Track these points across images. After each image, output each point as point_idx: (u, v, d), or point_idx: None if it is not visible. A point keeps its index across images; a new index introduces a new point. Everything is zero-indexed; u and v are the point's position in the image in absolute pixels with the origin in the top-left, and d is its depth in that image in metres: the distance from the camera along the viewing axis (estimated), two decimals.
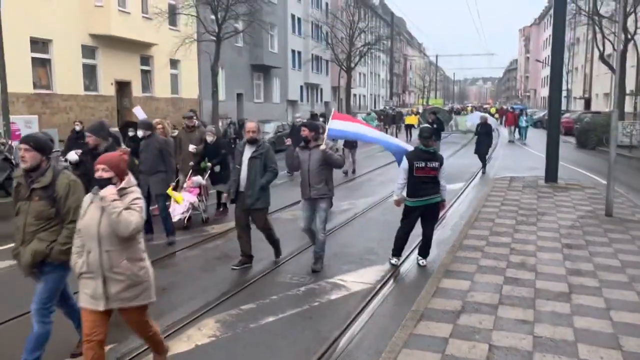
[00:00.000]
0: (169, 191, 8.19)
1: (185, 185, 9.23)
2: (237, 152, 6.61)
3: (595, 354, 4.13)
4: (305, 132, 6.39)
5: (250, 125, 6.53)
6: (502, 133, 31.82)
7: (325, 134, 6.45)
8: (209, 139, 9.40)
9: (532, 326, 4.64)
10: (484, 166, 15.78)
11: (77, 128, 11.85)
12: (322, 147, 6.19)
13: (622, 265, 6.33)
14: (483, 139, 15.84)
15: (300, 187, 6.49)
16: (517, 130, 28.69)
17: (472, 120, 22.03)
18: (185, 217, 8.75)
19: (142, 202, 3.55)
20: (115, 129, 13.66)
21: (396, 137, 28.60)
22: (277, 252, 7.00)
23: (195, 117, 10.43)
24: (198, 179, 9.30)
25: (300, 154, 6.46)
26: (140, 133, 8.04)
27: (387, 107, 45.22)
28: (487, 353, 4.15)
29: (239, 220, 6.62)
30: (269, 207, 6.70)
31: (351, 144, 14.87)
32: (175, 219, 8.39)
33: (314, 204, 6.42)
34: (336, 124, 6.74)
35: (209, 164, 9.37)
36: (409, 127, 27.82)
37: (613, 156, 9.37)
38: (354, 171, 15.51)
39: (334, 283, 6.16)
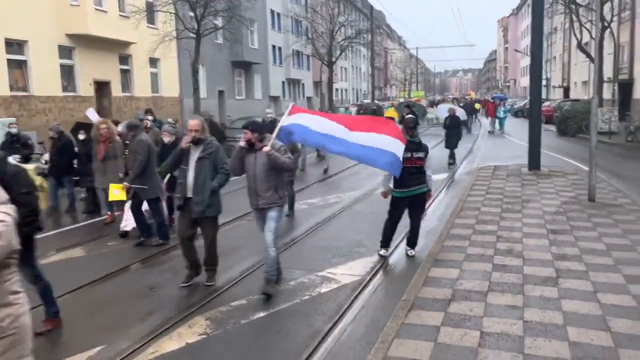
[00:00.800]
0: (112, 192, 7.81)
1: None
2: (175, 153, 5.83)
3: (584, 336, 4.18)
4: (247, 134, 5.47)
5: (192, 123, 5.73)
6: (483, 123, 32.10)
7: (274, 133, 5.61)
8: (166, 139, 8.12)
9: (522, 311, 4.68)
10: (452, 158, 15.37)
11: (14, 131, 10.15)
12: (265, 149, 5.35)
13: (607, 249, 6.41)
14: (452, 132, 15.44)
15: (248, 196, 5.68)
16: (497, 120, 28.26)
17: (440, 113, 21.66)
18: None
19: (8, 219, 2.49)
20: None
21: None
22: (212, 272, 6.03)
23: (150, 117, 9.81)
24: None
25: (245, 158, 5.62)
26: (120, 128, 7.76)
27: (366, 101, 44.48)
28: (479, 340, 4.18)
29: (184, 231, 5.88)
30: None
31: None
32: (128, 227, 7.98)
33: (264, 215, 5.64)
34: (293, 122, 5.72)
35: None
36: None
37: (594, 142, 9.49)
38: (325, 170, 14.59)
39: (323, 276, 6.15)
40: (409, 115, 8.11)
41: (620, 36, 30.56)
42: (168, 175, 7.94)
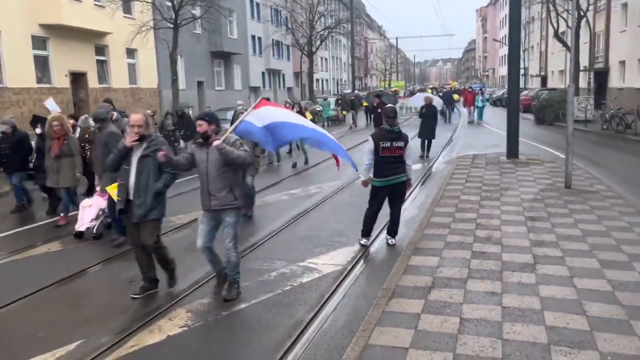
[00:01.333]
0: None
1: (98, 188, 8.00)
2: (118, 151, 5.20)
3: (561, 320, 4.25)
4: (202, 126, 4.97)
5: (134, 118, 5.17)
6: (463, 113, 32.31)
7: (233, 126, 5.21)
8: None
9: (500, 297, 4.75)
10: (427, 150, 14.78)
11: None
12: (215, 142, 4.84)
13: (582, 235, 6.53)
14: (428, 121, 14.70)
15: (200, 195, 5.18)
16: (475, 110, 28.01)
17: (415, 102, 20.53)
18: (95, 226, 7.62)
19: None
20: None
21: (354, 123, 26.91)
22: (172, 278, 5.58)
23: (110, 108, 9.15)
24: None
25: (197, 153, 5.09)
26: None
27: (346, 91, 43.06)
28: (459, 326, 4.23)
29: (133, 237, 5.38)
30: (163, 218, 5.45)
31: None
32: (82, 227, 7.59)
33: (217, 218, 5.14)
34: (258, 117, 5.26)
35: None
36: (369, 110, 26.65)
37: (570, 130, 9.63)
38: (306, 161, 14.31)
39: (305, 266, 6.16)
40: (389, 105, 8.11)
41: (596, 25, 30.98)
42: None
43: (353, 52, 52.77)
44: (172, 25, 20.99)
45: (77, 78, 20.64)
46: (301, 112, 13.62)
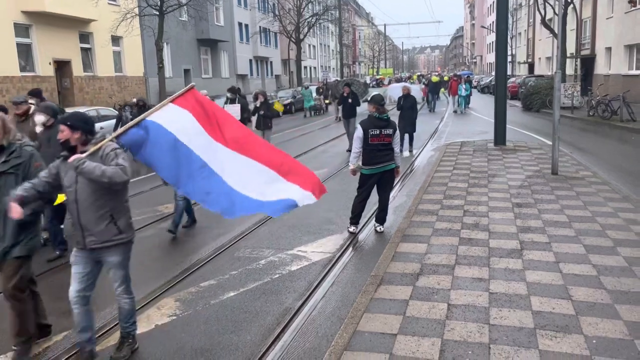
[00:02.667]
0: None
1: None
2: None
3: (547, 305, 4.31)
4: (63, 133, 3.58)
5: None
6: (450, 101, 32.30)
7: (120, 130, 3.73)
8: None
9: (488, 283, 4.79)
10: (410, 144, 13.61)
11: None
12: (73, 157, 3.48)
13: (569, 220, 6.60)
14: (407, 113, 13.40)
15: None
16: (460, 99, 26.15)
17: (393, 92, 17.61)
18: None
19: None
20: None
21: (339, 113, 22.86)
22: (22, 353, 3.97)
23: (32, 100, 7.56)
24: None
25: (62, 173, 3.67)
26: (41, 119, 5.93)
27: (328, 79, 40.38)
28: (446, 312, 4.26)
29: None
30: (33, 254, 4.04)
31: (266, 124, 12.46)
32: None
33: (97, 258, 3.83)
34: (163, 120, 3.66)
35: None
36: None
37: (557, 117, 9.68)
38: None
39: (294, 254, 6.16)
40: (377, 93, 8.09)
41: (582, 12, 31.09)
42: None
43: (341, 39, 52.52)
44: (157, 12, 20.75)
45: (62, 66, 20.36)
46: (266, 103, 12.38)
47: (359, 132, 6.53)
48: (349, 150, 12.05)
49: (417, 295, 4.60)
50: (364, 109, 18.97)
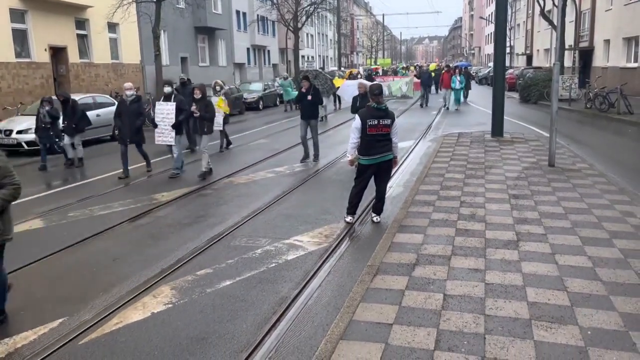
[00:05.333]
0: None
1: None
2: None
3: (542, 296, 4.32)
4: None
5: None
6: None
7: None
8: None
9: (484, 274, 4.80)
10: None
11: None
12: None
13: (565, 212, 6.61)
14: None
15: None
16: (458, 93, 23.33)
17: (346, 91, 13.06)
18: None
19: None
20: None
21: (324, 112, 18.60)
22: None
23: None
24: None
25: None
26: None
27: (312, 69, 36.83)
28: (442, 302, 4.27)
29: None
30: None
31: (203, 128, 10.06)
32: None
33: None
34: None
35: None
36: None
37: (555, 109, 9.66)
38: (227, 145, 13.60)
39: (290, 244, 6.16)
40: (376, 83, 8.04)
41: (581, 4, 30.98)
42: None
43: (339, 28, 52.25)
44: None
45: (57, 52, 20.18)
46: (202, 101, 9.70)
47: (357, 122, 6.49)
48: (303, 161, 11.08)
49: (413, 286, 4.60)
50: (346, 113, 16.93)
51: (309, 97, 10.95)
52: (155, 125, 10.07)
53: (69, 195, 8.99)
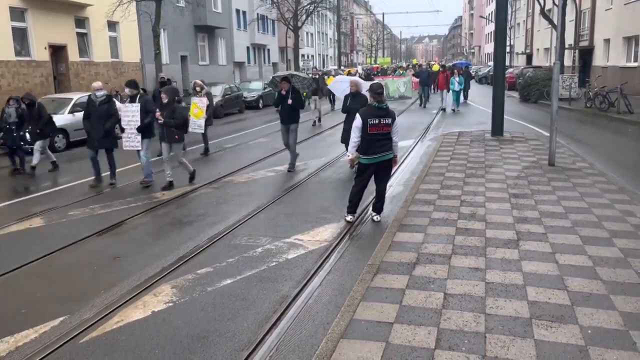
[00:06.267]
0: None
1: None
2: None
3: (543, 295, 4.32)
4: None
5: None
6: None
7: None
8: None
9: (484, 273, 4.80)
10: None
11: None
12: None
13: (565, 211, 6.61)
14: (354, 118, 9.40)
15: None
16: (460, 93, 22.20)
17: (337, 88, 11.72)
18: None
19: None
20: None
21: (319, 115, 17.83)
22: None
23: None
24: None
25: None
26: None
27: (307, 68, 35.46)
28: (443, 301, 4.27)
29: None
30: None
31: (171, 135, 8.97)
32: None
33: None
34: None
35: None
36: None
37: (555, 108, 9.66)
38: (205, 152, 12.59)
39: (290, 243, 6.16)
40: (376, 82, 8.03)
41: (582, 3, 30.97)
42: None
43: (339, 27, 52.21)
44: None
45: (57, 51, 20.18)
46: (170, 105, 8.80)
47: (357, 121, 6.50)
48: (291, 170, 10.19)
49: (413, 285, 4.60)
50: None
51: (289, 101, 10.05)
52: (123, 130, 9.27)
53: (19, 209, 8.06)
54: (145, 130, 9.23)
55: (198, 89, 12.20)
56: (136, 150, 9.34)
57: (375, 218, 6.87)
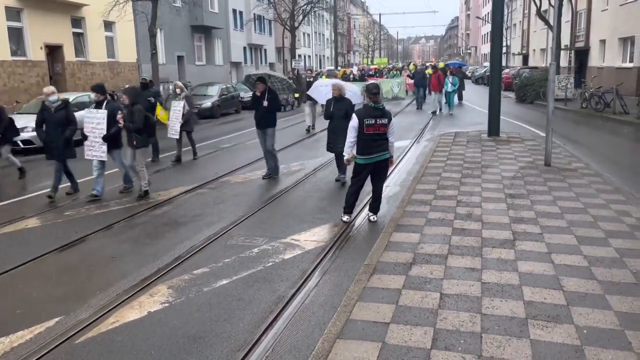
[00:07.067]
0: None
1: None
2: None
3: (538, 295, 4.33)
4: None
5: None
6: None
7: None
8: None
9: (480, 273, 4.81)
10: (343, 171, 9.02)
11: None
12: None
13: (561, 212, 6.63)
14: (339, 124, 8.42)
15: None
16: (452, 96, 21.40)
17: (318, 93, 10.40)
18: None
19: None
20: None
21: (312, 121, 16.57)
22: None
23: None
24: None
25: None
26: None
27: (299, 69, 32.85)
28: (439, 301, 4.28)
29: None
30: None
31: (131, 140, 8.42)
32: None
33: None
34: None
35: None
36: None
37: (551, 109, 9.69)
38: (194, 156, 11.89)
39: (287, 243, 6.16)
40: (372, 82, 8.03)
41: (577, 4, 31.07)
42: None
43: (336, 27, 52.21)
44: None
45: (53, 51, 20.11)
46: (128, 109, 8.25)
47: (354, 121, 6.50)
48: (274, 177, 9.60)
49: (409, 285, 4.61)
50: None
51: (265, 103, 9.33)
52: (85, 137, 8.37)
53: None
54: (113, 140, 8.39)
55: (178, 90, 11.62)
56: (99, 160, 8.39)
57: (371, 218, 6.88)
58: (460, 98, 24.37)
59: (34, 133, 10.69)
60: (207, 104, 21.64)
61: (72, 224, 7.15)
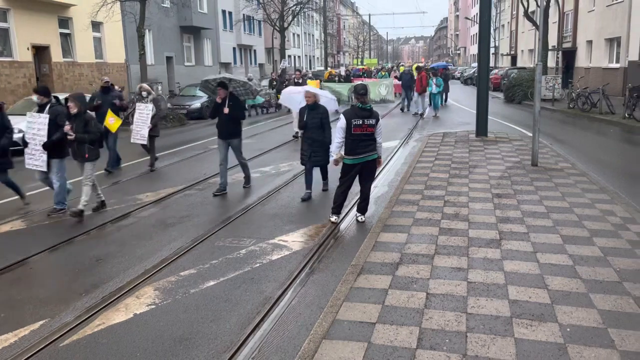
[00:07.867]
0: None
1: None
2: None
3: (523, 294, 4.37)
4: None
5: None
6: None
7: None
8: None
9: (466, 273, 4.84)
10: (324, 181, 8.64)
11: None
12: None
13: (547, 211, 6.69)
14: (314, 135, 7.92)
15: None
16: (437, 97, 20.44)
17: (291, 101, 9.48)
18: None
19: None
20: None
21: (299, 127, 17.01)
22: None
23: None
24: None
25: None
26: None
27: (285, 69, 31.70)
28: (425, 301, 4.30)
29: None
30: None
31: (81, 151, 7.31)
32: None
33: None
34: None
35: None
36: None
37: (538, 109, 9.77)
38: (151, 165, 10.65)
39: (274, 244, 6.16)
40: (360, 83, 8.05)
41: (564, 5, 31.34)
42: None
43: (325, 28, 52.23)
44: None
45: (40, 51, 19.93)
46: (80, 113, 7.20)
47: (341, 122, 6.51)
48: (218, 193, 8.51)
49: (396, 285, 4.63)
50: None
51: (226, 110, 8.44)
52: (26, 144, 7.57)
53: None
54: (56, 149, 7.45)
55: (144, 93, 10.66)
56: (39, 170, 7.62)
57: (359, 218, 6.89)
58: (445, 99, 24.06)
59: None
60: (196, 104, 21.59)
61: (58, 226, 7.08)
